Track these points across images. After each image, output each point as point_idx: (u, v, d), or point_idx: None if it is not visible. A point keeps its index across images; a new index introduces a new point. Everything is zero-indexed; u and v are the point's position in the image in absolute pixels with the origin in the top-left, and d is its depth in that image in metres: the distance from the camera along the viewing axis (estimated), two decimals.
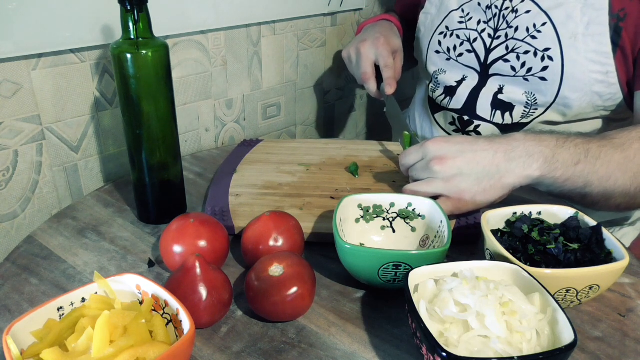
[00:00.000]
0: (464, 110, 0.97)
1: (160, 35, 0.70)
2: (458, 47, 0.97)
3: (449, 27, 0.98)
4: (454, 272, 0.56)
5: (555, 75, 0.85)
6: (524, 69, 0.88)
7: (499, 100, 0.93)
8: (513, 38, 0.89)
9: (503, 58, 0.91)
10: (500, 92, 0.92)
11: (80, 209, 0.79)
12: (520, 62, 0.89)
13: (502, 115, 0.93)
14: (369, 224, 0.70)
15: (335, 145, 0.97)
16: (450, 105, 0.99)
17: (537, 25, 0.86)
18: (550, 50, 0.85)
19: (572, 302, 0.59)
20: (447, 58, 0.99)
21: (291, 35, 1.10)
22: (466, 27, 0.95)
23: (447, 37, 0.98)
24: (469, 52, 0.95)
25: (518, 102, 0.91)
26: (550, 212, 0.67)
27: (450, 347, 0.48)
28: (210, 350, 0.55)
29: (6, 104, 0.75)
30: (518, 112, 0.91)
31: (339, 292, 0.64)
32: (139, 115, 0.68)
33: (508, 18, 0.89)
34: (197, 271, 0.55)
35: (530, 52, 0.87)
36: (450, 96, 0.99)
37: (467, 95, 0.96)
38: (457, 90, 0.98)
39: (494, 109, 0.94)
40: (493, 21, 0.92)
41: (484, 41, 0.93)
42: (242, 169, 0.87)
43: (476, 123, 0.96)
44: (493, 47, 0.92)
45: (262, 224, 0.64)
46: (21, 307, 0.60)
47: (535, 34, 0.86)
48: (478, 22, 0.94)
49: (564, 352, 0.46)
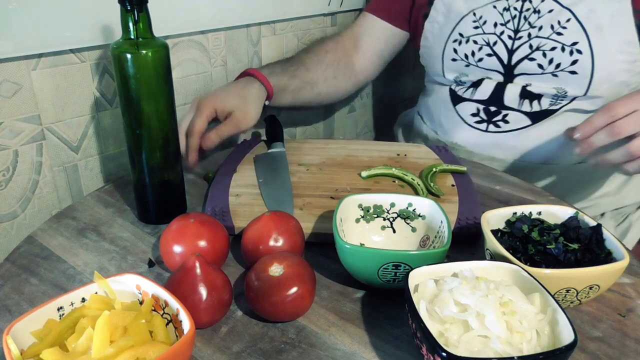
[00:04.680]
0: (489, 101, 0.97)
1: (160, 35, 0.70)
2: (477, 53, 0.96)
3: (463, 34, 0.96)
4: (454, 272, 0.56)
5: (586, 67, 0.86)
6: (552, 65, 0.89)
7: (527, 91, 0.93)
8: (537, 36, 0.89)
9: (528, 57, 0.91)
10: (527, 86, 0.93)
11: (80, 209, 0.79)
12: (547, 59, 0.89)
13: (530, 104, 0.93)
14: (369, 224, 0.70)
15: (335, 145, 0.97)
16: (475, 96, 0.99)
17: (562, 22, 0.87)
18: (578, 43, 0.86)
19: (572, 302, 0.59)
20: (465, 64, 0.98)
21: (291, 35, 1.09)
22: (483, 31, 0.94)
23: (463, 44, 0.97)
24: (489, 56, 0.95)
25: (546, 94, 0.92)
26: (550, 212, 0.67)
27: (450, 347, 0.48)
28: (210, 350, 0.55)
29: (6, 104, 0.75)
30: (546, 100, 0.92)
31: (339, 292, 0.64)
32: (139, 115, 0.68)
33: (530, 19, 0.90)
34: (197, 271, 0.55)
35: (558, 48, 0.88)
36: (474, 87, 0.99)
37: (493, 89, 0.96)
38: (482, 83, 0.97)
39: (522, 99, 0.94)
40: (512, 23, 0.91)
41: (504, 43, 0.92)
42: (242, 169, 0.87)
43: (504, 112, 0.96)
44: (515, 47, 0.92)
45: (262, 224, 0.64)
46: (21, 307, 0.60)
47: (560, 30, 0.87)
48: (494, 24, 0.93)
49: (564, 352, 0.46)
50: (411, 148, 0.97)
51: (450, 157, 0.93)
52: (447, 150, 0.96)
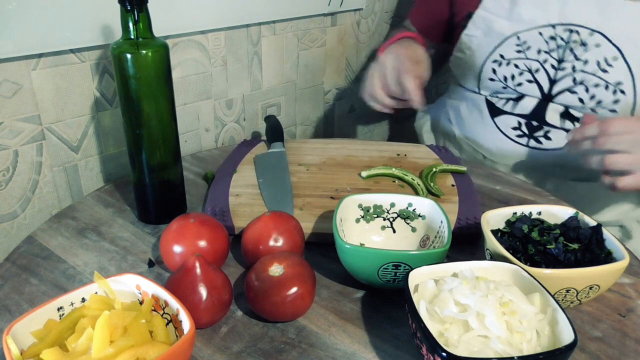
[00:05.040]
0: (532, 116, 0.95)
1: (160, 35, 0.70)
2: (517, 77, 0.93)
3: (505, 56, 0.94)
4: (454, 272, 0.56)
5: (627, 108, 0.85)
6: (593, 101, 0.87)
7: (569, 113, 0.91)
8: (582, 71, 0.87)
9: (570, 90, 0.89)
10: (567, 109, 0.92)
11: (80, 209, 0.79)
12: (589, 94, 0.87)
13: (573, 123, 0.92)
14: (369, 224, 0.70)
15: (335, 145, 0.97)
16: (516, 110, 0.96)
17: (609, 59, 0.84)
18: (622, 84, 0.84)
19: (572, 302, 0.59)
20: (503, 86, 0.96)
21: (291, 35, 1.09)
22: (526, 56, 0.91)
23: (503, 66, 0.94)
24: (529, 82, 0.92)
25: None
26: (550, 212, 0.67)
27: (450, 347, 0.48)
28: (210, 350, 0.55)
29: (6, 104, 0.75)
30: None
31: (339, 292, 0.64)
32: (139, 115, 0.68)
33: (576, 51, 0.87)
34: (197, 271, 0.55)
35: (601, 86, 0.86)
36: (515, 101, 0.96)
37: (535, 105, 0.94)
38: (523, 98, 0.95)
39: (563, 119, 0.92)
40: (557, 52, 0.89)
41: (547, 72, 0.90)
42: (242, 169, 0.87)
43: (546, 129, 0.94)
44: (559, 78, 0.89)
45: (262, 224, 0.64)
46: (21, 307, 0.60)
47: (606, 68, 0.85)
48: (538, 51, 0.90)
49: (564, 352, 0.46)
50: (411, 148, 0.97)
51: (450, 157, 0.93)
52: (447, 150, 0.96)
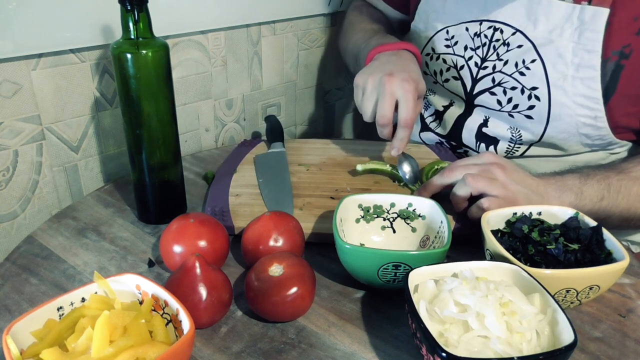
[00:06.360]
0: (449, 136, 0.96)
1: (160, 35, 0.70)
2: (444, 72, 0.92)
3: (435, 50, 0.93)
4: (454, 272, 0.56)
5: (542, 115, 0.82)
6: (510, 105, 0.85)
7: (483, 133, 0.91)
8: (501, 71, 0.85)
9: (489, 90, 0.87)
10: (485, 125, 0.90)
11: (80, 209, 0.79)
12: (506, 97, 0.85)
13: (487, 148, 0.91)
14: (369, 224, 0.70)
15: (335, 145, 0.97)
16: (437, 129, 0.98)
17: (527, 62, 0.81)
18: (537, 89, 0.81)
19: (572, 303, 0.59)
20: (434, 81, 0.95)
21: (291, 35, 1.09)
22: (453, 52, 0.90)
23: (434, 60, 0.93)
24: (455, 79, 0.91)
25: (502, 137, 0.89)
26: (550, 213, 0.67)
27: (450, 347, 0.48)
28: (210, 350, 0.55)
29: (6, 104, 0.75)
30: (502, 147, 0.90)
31: (339, 292, 0.64)
32: (139, 115, 0.68)
33: (499, 50, 0.84)
34: (197, 271, 0.55)
35: (518, 89, 0.83)
36: (437, 120, 0.98)
37: (453, 123, 0.95)
38: (444, 116, 0.96)
39: (478, 141, 0.92)
40: (481, 50, 0.86)
41: (470, 69, 0.88)
42: (242, 169, 0.87)
43: (465, 149, 0.95)
44: (480, 77, 0.88)
45: (262, 224, 0.64)
46: (21, 307, 0.60)
47: (523, 70, 0.82)
48: (465, 47, 0.89)
49: (564, 353, 0.46)
50: (411, 148, 0.97)
51: (451, 157, 0.93)
52: (447, 150, 0.96)
